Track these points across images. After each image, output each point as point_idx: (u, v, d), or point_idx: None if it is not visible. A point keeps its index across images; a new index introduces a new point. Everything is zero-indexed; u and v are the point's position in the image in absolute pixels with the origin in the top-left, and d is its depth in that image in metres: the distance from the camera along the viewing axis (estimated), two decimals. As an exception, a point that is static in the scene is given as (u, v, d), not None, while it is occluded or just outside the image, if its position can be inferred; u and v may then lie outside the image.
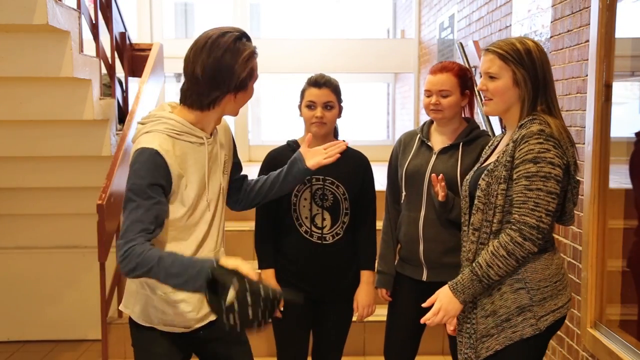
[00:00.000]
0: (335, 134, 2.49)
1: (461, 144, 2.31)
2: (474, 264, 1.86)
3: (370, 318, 3.48)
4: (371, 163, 2.52)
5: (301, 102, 2.40)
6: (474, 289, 1.85)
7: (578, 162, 1.92)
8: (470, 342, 1.94)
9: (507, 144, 1.88)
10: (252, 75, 1.78)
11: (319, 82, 2.35)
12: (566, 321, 2.89)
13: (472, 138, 2.32)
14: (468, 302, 1.90)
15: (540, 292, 1.87)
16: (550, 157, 1.78)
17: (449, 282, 1.90)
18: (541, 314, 1.87)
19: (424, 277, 2.37)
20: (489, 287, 1.87)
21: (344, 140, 2.22)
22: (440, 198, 2.19)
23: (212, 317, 1.92)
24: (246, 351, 2.05)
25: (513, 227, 1.81)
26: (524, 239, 1.79)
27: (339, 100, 2.39)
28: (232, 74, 1.71)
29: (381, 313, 3.61)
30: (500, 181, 1.85)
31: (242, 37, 1.75)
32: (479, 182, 1.92)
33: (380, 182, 2.50)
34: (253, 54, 1.77)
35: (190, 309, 1.84)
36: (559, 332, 2.97)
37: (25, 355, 3.95)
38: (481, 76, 1.96)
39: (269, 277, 2.44)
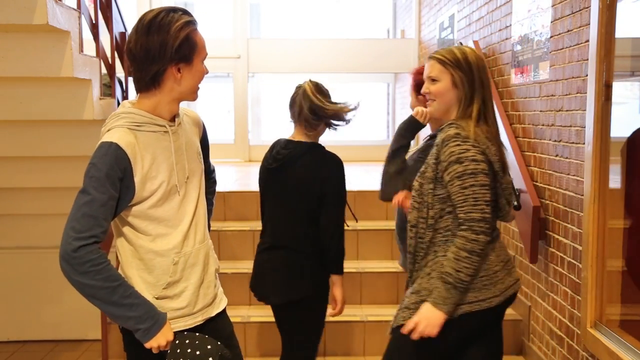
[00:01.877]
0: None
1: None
2: (443, 275, 1.95)
3: (370, 318, 3.49)
4: (371, 163, 2.53)
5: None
6: (453, 297, 1.95)
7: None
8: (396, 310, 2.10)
9: (433, 147, 2.05)
10: (191, 46, 1.71)
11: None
12: (566, 321, 2.89)
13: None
14: (452, 311, 1.97)
15: None
16: (471, 155, 1.94)
17: (429, 299, 1.97)
18: None
19: None
20: (466, 289, 1.96)
21: None
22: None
23: (210, 314, 1.90)
24: (237, 354, 2.02)
25: (463, 226, 1.94)
26: (477, 234, 1.91)
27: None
28: (165, 43, 1.66)
29: (381, 313, 3.62)
30: (429, 181, 2.01)
31: (175, 10, 1.72)
32: (413, 183, 2.09)
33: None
34: (187, 23, 1.71)
35: (185, 304, 1.81)
36: (559, 332, 2.97)
37: (25, 355, 3.95)
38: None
39: None
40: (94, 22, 3.58)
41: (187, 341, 1.74)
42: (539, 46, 3.19)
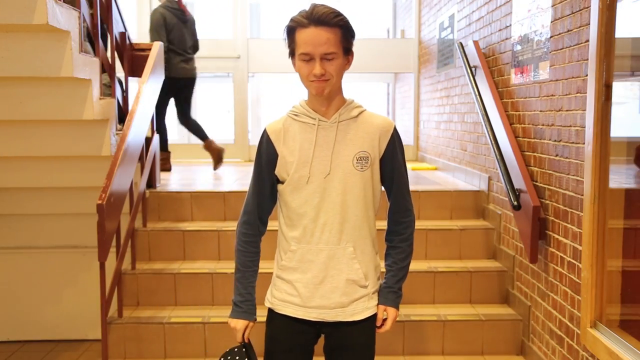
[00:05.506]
0: None
1: None
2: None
3: (370, 318, 3.48)
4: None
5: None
6: None
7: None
8: None
9: None
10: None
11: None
12: (566, 321, 2.89)
13: None
14: None
15: None
16: None
17: None
18: None
19: None
20: None
21: None
22: None
23: (326, 318, 1.93)
24: None
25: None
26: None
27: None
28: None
29: (381, 313, 3.59)
30: None
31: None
32: None
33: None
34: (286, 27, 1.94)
35: (296, 293, 1.92)
36: (559, 332, 2.97)
37: (25, 355, 3.95)
38: None
39: None
40: (94, 22, 3.59)
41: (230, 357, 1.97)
42: (539, 46, 3.20)
